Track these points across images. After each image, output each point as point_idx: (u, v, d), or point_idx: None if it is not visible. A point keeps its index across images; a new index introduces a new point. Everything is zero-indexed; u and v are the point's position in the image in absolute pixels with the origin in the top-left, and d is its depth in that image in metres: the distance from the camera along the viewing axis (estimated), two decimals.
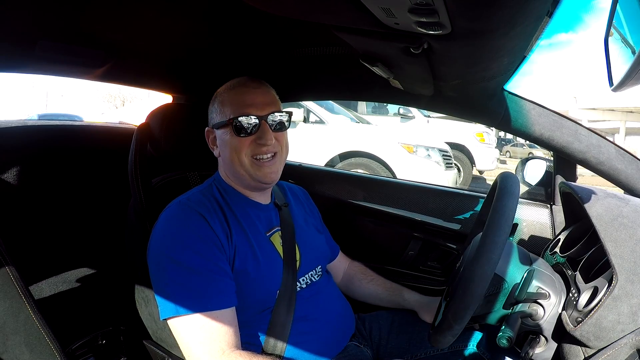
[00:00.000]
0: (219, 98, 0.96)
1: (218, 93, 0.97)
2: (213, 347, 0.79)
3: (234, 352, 0.80)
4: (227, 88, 0.96)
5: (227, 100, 0.93)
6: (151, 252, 0.87)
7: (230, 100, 0.93)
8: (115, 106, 22.51)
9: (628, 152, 1.11)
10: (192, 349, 0.80)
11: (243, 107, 0.91)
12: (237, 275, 0.87)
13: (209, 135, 0.99)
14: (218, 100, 0.96)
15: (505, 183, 0.81)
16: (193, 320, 0.80)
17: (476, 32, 0.57)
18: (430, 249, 1.50)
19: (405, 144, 4.23)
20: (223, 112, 0.93)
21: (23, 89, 25.65)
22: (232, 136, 0.91)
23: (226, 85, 0.97)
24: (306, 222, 1.09)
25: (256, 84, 0.95)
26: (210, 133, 0.99)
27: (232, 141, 0.92)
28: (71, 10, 0.85)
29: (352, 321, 1.06)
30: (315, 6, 0.62)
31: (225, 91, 0.96)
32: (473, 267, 0.72)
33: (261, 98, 0.93)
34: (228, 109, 0.92)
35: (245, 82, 0.95)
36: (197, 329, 0.80)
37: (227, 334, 0.81)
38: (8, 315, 0.76)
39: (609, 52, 0.66)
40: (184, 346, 0.82)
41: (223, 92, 0.96)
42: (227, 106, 0.92)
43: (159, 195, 1.04)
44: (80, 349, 1.22)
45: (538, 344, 0.85)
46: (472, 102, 1.17)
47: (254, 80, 0.96)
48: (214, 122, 0.96)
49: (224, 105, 0.93)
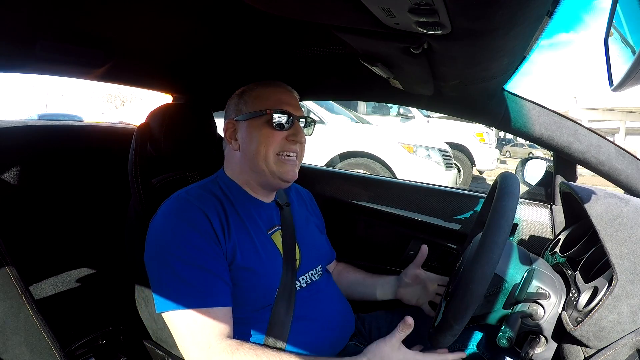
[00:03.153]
0: (249, 92, 0.97)
1: (248, 88, 0.99)
2: (202, 340, 0.80)
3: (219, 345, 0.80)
4: (257, 85, 0.99)
5: (264, 95, 0.96)
6: (149, 246, 0.87)
7: (267, 95, 0.96)
8: (115, 106, 22.52)
9: (628, 152, 1.11)
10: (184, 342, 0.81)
11: (280, 103, 0.95)
12: (238, 271, 0.87)
13: (229, 127, 0.98)
14: (249, 94, 0.97)
15: (505, 183, 0.81)
16: (187, 314, 0.81)
17: (476, 32, 0.57)
18: (430, 249, 1.50)
19: (405, 144, 4.23)
20: (258, 104, 0.95)
21: (23, 89, 25.70)
22: (266, 128, 0.93)
23: (256, 83, 1.00)
24: (307, 222, 1.10)
25: (289, 88, 1.00)
26: (231, 125, 0.98)
27: (264, 133, 0.93)
28: (71, 10, 0.85)
29: (351, 321, 1.06)
30: (315, 6, 0.62)
31: (257, 87, 0.98)
32: (473, 267, 0.72)
33: (295, 101, 0.98)
34: (265, 102, 0.94)
35: (278, 83, 1.00)
36: (190, 322, 0.81)
37: (217, 328, 0.81)
38: (8, 315, 0.76)
39: (609, 52, 0.66)
40: (177, 338, 0.83)
41: (255, 88, 0.98)
42: (264, 100, 0.95)
43: (159, 195, 1.04)
44: (80, 349, 1.22)
45: (538, 344, 0.85)
46: (472, 102, 1.17)
47: (284, 85, 1.01)
48: (243, 113, 0.96)
49: (259, 98, 0.95)
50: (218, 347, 0.80)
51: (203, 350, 0.80)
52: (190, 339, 0.81)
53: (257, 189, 0.99)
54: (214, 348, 0.80)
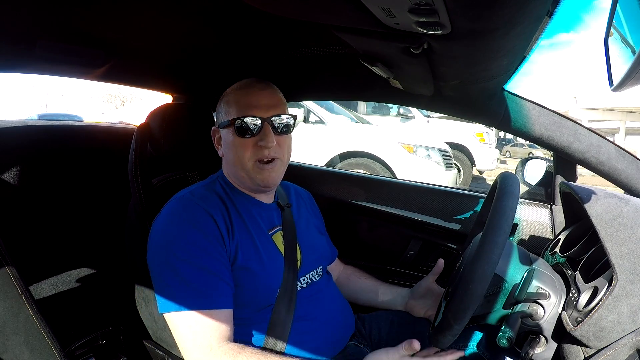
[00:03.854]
0: (225, 98, 0.96)
1: (226, 93, 0.98)
2: (204, 343, 0.80)
3: (221, 347, 0.80)
4: (234, 88, 0.97)
5: (233, 101, 0.94)
6: (152, 246, 0.87)
7: (235, 101, 0.93)
8: (115, 106, 22.51)
9: (628, 152, 1.11)
10: (186, 344, 0.81)
11: (247, 108, 0.91)
12: (239, 271, 0.87)
13: (215, 134, 0.99)
14: (225, 100, 0.96)
15: (505, 183, 0.81)
16: (190, 316, 0.81)
17: (476, 32, 0.57)
18: (430, 249, 1.50)
19: (405, 144, 4.23)
20: (228, 112, 0.94)
21: (23, 89, 25.68)
22: (234, 137, 0.92)
23: (234, 85, 0.98)
24: (308, 223, 1.10)
25: (262, 85, 0.96)
26: (216, 133, 0.99)
27: (234, 142, 0.92)
28: (71, 10, 0.85)
29: (352, 321, 1.06)
30: (315, 6, 0.62)
31: (232, 91, 0.96)
32: (473, 267, 0.72)
33: (266, 100, 0.93)
34: (233, 109, 0.93)
35: (252, 83, 0.96)
36: (192, 324, 0.81)
37: (219, 331, 0.81)
38: (8, 315, 0.76)
39: (609, 52, 0.66)
40: (178, 340, 0.83)
41: (230, 93, 0.96)
42: (232, 106, 0.93)
43: (159, 195, 1.04)
44: (80, 349, 1.22)
45: (538, 344, 0.85)
46: (472, 102, 1.17)
47: (260, 82, 0.96)
48: (220, 121, 0.96)
49: (229, 105, 0.94)
50: (219, 350, 0.80)
51: (204, 352, 0.80)
52: (192, 340, 0.81)
53: (250, 192, 0.99)
54: (216, 351, 0.80)
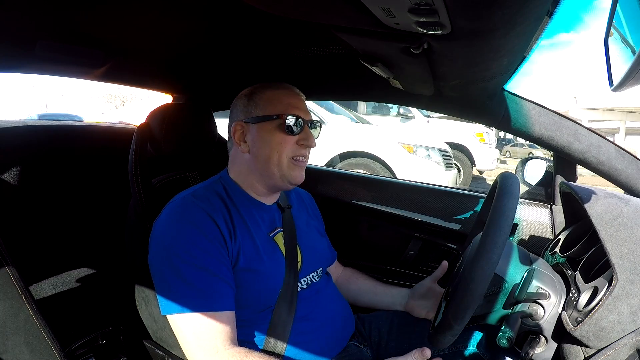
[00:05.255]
0: (259, 94, 0.95)
1: (256, 89, 0.97)
2: (209, 345, 0.80)
3: (227, 350, 0.80)
4: (267, 87, 0.96)
5: (275, 98, 0.94)
6: (153, 247, 0.87)
7: (278, 98, 0.94)
8: (115, 106, 22.51)
9: (628, 152, 1.11)
10: (190, 346, 0.81)
11: (292, 107, 0.93)
12: (241, 273, 0.87)
13: (237, 130, 0.95)
14: (259, 96, 0.95)
15: (505, 183, 0.81)
16: (194, 318, 0.80)
17: (476, 32, 0.57)
18: (430, 249, 1.50)
19: (405, 144, 4.23)
20: (269, 108, 0.93)
21: (23, 89, 25.69)
22: (278, 132, 0.92)
23: (264, 84, 0.98)
24: (308, 224, 1.10)
25: (297, 91, 0.99)
26: (240, 127, 0.95)
27: (277, 137, 0.92)
28: (71, 10, 0.85)
29: (352, 321, 1.06)
30: (315, 6, 0.62)
31: (267, 89, 0.96)
32: (473, 267, 0.72)
33: (303, 104, 0.97)
34: (276, 106, 0.93)
35: (288, 85, 0.99)
36: (196, 326, 0.80)
37: (224, 333, 0.81)
38: (8, 315, 0.76)
39: (609, 52, 0.66)
40: (182, 341, 0.82)
41: (265, 90, 0.96)
42: (275, 103, 0.93)
43: (159, 195, 1.04)
44: (80, 349, 1.22)
45: (538, 344, 0.85)
46: (472, 102, 1.18)
47: (294, 87, 0.99)
48: (253, 115, 0.94)
49: (270, 101, 0.94)
50: (226, 353, 0.79)
51: (210, 354, 0.79)
52: (196, 343, 0.80)
53: (261, 191, 0.98)
54: (222, 353, 0.79)
